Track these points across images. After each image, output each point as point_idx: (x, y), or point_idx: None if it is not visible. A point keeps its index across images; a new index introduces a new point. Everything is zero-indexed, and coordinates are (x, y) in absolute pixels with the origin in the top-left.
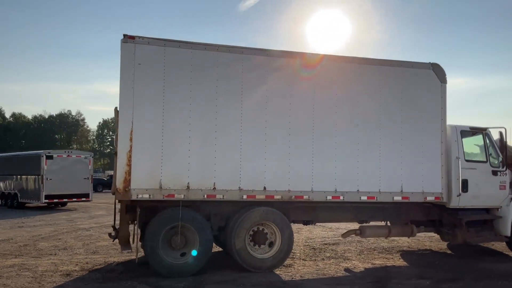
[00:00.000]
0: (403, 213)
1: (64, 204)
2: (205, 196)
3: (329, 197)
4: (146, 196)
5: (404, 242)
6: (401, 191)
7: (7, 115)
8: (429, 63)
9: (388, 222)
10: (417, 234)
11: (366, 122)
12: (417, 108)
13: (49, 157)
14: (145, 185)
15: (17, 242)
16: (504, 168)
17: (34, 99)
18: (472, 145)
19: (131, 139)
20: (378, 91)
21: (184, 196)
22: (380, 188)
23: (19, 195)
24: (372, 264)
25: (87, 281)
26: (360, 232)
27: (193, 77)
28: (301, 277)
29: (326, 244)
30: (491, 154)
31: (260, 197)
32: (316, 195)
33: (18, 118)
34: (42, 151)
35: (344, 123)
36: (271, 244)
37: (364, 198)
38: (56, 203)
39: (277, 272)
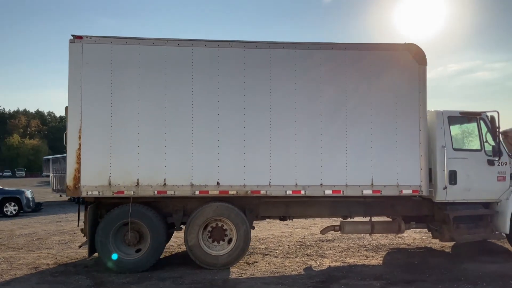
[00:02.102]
0: (387, 208)
1: None
2: (155, 192)
3: (289, 192)
4: (95, 193)
5: (409, 238)
6: (372, 184)
7: None
8: (405, 43)
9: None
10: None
11: (331, 111)
12: (390, 94)
13: None
14: (94, 182)
15: (34, 236)
16: (497, 157)
17: None
18: (464, 132)
19: (80, 137)
20: (344, 77)
21: (133, 192)
22: (347, 181)
23: None
24: (342, 262)
25: (44, 275)
26: (340, 228)
27: (141, 73)
28: (250, 275)
29: (321, 240)
30: (486, 141)
31: (214, 192)
32: (275, 189)
33: None
34: None
35: (305, 113)
36: (230, 241)
37: (328, 192)
38: None
39: (233, 269)
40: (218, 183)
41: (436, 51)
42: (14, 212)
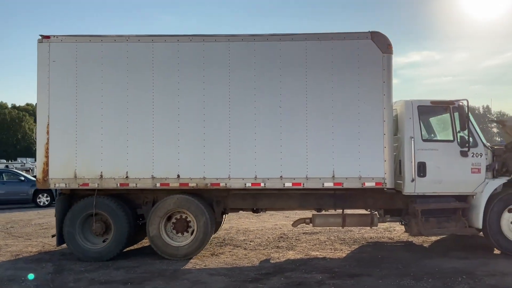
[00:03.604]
0: (358, 200)
1: None
2: (118, 184)
3: (249, 184)
4: (62, 185)
5: (397, 232)
6: (333, 176)
7: None
8: (368, 32)
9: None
10: None
11: (291, 103)
12: (353, 84)
13: None
14: (61, 174)
15: (45, 225)
16: (467, 148)
17: None
18: (437, 122)
19: (47, 132)
20: (304, 69)
21: (98, 184)
22: (308, 174)
23: None
24: (305, 255)
25: (18, 262)
26: (311, 221)
27: (104, 69)
28: (204, 266)
29: (305, 233)
30: (460, 131)
31: (174, 185)
32: (234, 182)
33: None
34: None
35: (265, 106)
36: (193, 232)
37: (288, 184)
38: None
39: (192, 260)
40: (178, 176)
41: (503, 35)
42: (46, 203)
